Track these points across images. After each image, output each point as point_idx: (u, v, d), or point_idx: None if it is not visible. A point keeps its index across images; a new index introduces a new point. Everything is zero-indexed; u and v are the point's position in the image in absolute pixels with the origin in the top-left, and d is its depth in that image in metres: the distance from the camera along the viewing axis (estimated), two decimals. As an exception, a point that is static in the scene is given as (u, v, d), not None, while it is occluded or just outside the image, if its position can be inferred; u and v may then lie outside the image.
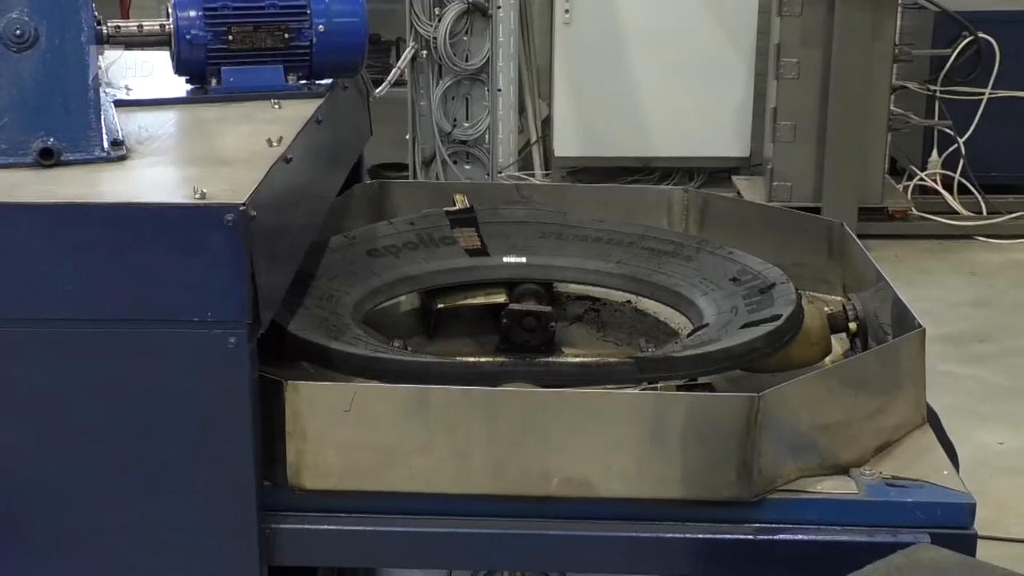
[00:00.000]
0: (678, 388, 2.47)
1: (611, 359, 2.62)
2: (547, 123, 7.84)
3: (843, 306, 2.73)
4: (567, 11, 7.39)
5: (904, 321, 2.51)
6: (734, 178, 7.70)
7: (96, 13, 2.41)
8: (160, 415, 2.18)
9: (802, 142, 6.99)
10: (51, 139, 2.30)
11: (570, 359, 2.75)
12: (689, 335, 2.65)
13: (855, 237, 3.00)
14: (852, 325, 2.71)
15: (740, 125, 7.72)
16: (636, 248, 2.97)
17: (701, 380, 2.53)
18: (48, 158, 2.30)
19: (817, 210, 6.23)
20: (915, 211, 7.30)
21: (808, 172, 7.01)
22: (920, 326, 2.45)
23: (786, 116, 7.00)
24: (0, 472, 2.21)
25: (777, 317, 2.52)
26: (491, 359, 2.74)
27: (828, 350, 2.69)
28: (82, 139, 2.33)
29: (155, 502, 2.21)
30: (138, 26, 2.79)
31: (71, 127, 2.32)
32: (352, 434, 2.22)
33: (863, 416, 2.33)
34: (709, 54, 7.56)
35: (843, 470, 2.28)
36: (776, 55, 7.02)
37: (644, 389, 2.38)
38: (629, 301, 3.04)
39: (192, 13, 2.76)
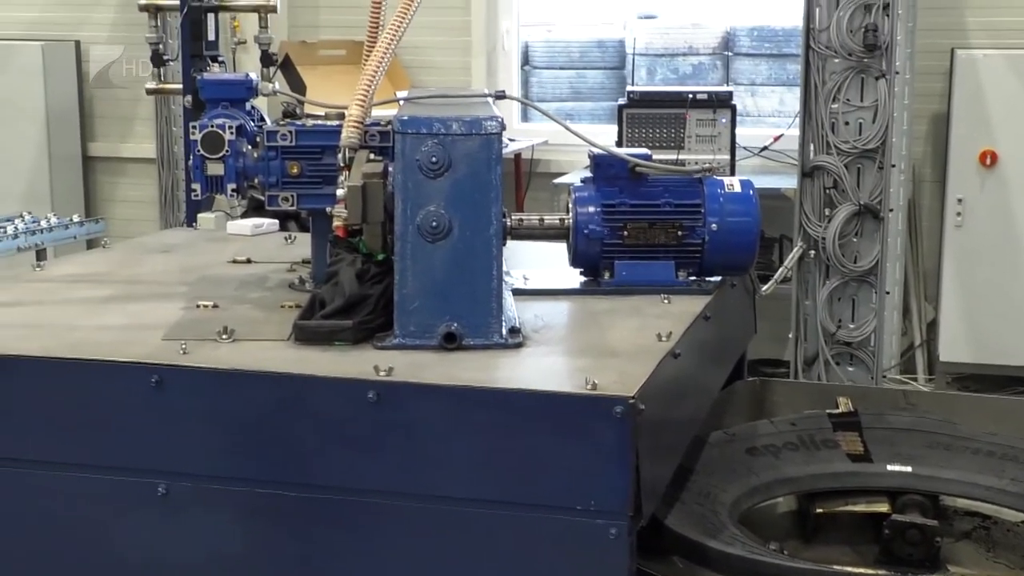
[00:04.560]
0: (1079, 622, 2.30)
1: (1003, 583, 2.48)
2: (932, 326, 7.59)
3: None
4: (959, 214, 7.20)
5: None
6: None
7: (503, 207, 2.56)
8: (535, 599, 2.21)
9: None
10: (455, 324, 2.44)
11: (957, 579, 2.62)
12: (1092, 565, 2.48)
13: None
14: None
15: None
16: (1033, 465, 2.82)
17: (1105, 616, 2.35)
18: (451, 342, 2.44)
19: None
20: None
21: None
22: None
23: None
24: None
25: None
26: (871, 571, 2.64)
27: None
28: (483, 325, 2.46)
29: None
30: (539, 220, 2.93)
31: (474, 314, 2.45)
32: (726, 636, 2.18)
33: None
34: (1114, 262, 7.15)
35: None
36: None
37: (1040, 620, 2.23)
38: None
39: (591, 209, 2.89)
